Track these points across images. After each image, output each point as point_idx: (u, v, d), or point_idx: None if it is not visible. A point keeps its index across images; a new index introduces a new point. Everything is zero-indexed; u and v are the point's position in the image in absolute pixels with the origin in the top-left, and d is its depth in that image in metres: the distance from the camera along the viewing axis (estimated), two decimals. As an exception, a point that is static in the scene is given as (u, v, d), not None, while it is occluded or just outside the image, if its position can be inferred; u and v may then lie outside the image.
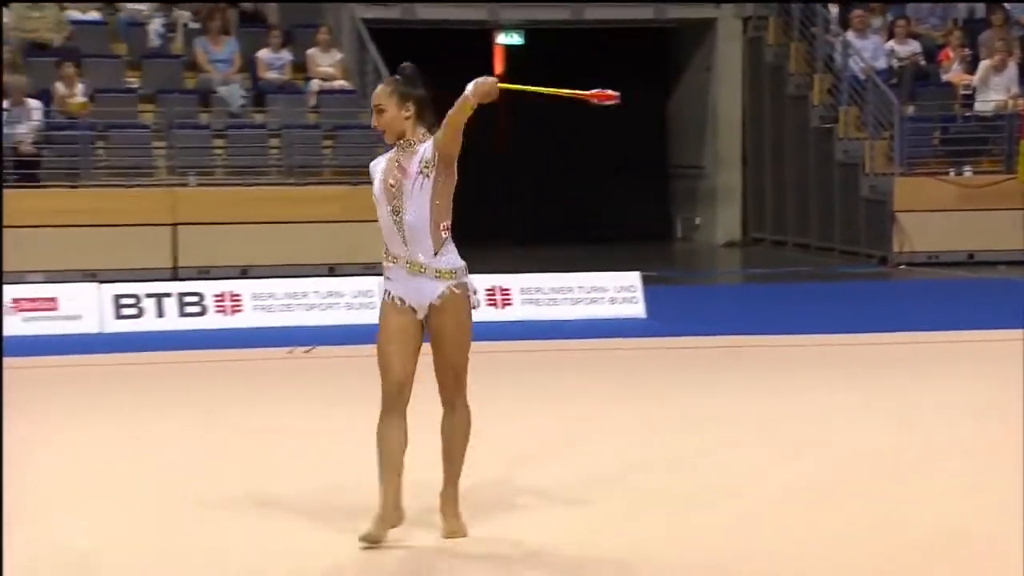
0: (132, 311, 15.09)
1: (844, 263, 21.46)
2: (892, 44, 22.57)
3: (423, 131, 6.83)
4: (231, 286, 15.81)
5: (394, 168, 6.76)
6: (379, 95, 6.82)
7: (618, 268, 16.54)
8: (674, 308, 16.31)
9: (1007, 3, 23.27)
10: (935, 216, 20.64)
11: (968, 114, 21.92)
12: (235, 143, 19.95)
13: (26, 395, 10.94)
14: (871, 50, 22.26)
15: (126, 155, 19.42)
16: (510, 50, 25.50)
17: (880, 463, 8.54)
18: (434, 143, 6.71)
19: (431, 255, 6.71)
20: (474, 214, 23.14)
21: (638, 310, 15.73)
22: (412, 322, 6.74)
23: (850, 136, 21.98)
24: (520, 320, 15.45)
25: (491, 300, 15.76)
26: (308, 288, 15.85)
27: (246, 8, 21.21)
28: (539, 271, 16.57)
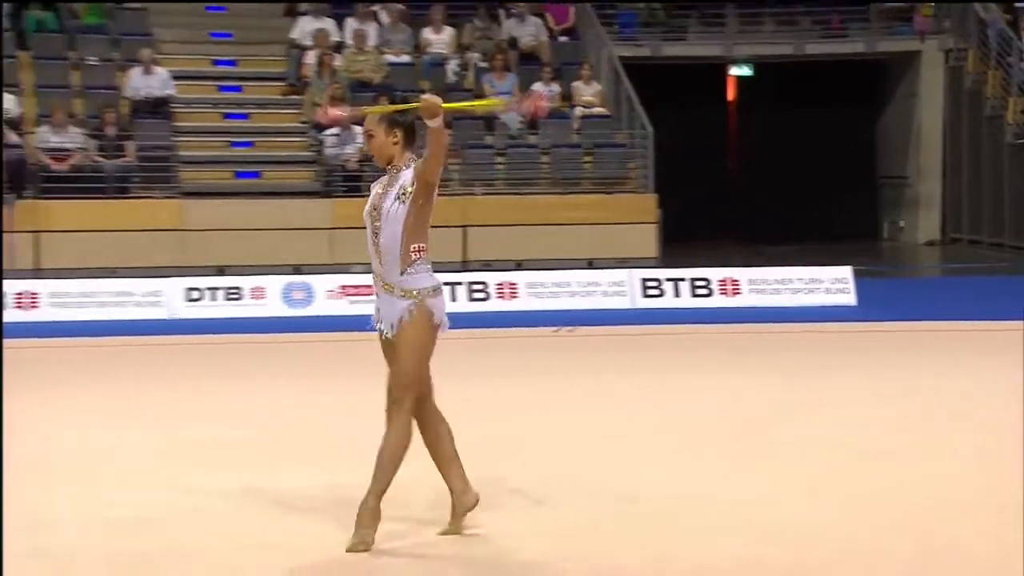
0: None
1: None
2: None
3: (410, 156, 6.13)
4: (509, 276, 16.00)
5: (379, 193, 6.09)
6: (369, 122, 6.18)
7: (832, 263, 16.28)
8: (880, 297, 15.90)
9: None
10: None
11: None
12: (513, 160, 20.13)
13: (356, 367, 11.22)
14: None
15: (427, 170, 19.75)
16: (741, 81, 25.18)
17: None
18: (414, 170, 6.03)
19: (398, 275, 6.01)
20: (715, 218, 23.33)
21: (849, 299, 15.49)
22: (386, 340, 6.10)
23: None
24: (749, 307, 15.29)
25: (723, 290, 15.73)
26: (571, 279, 15.94)
27: (524, 49, 21.39)
28: (765, 266, 16.38)
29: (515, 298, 15.53)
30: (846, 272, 15.75)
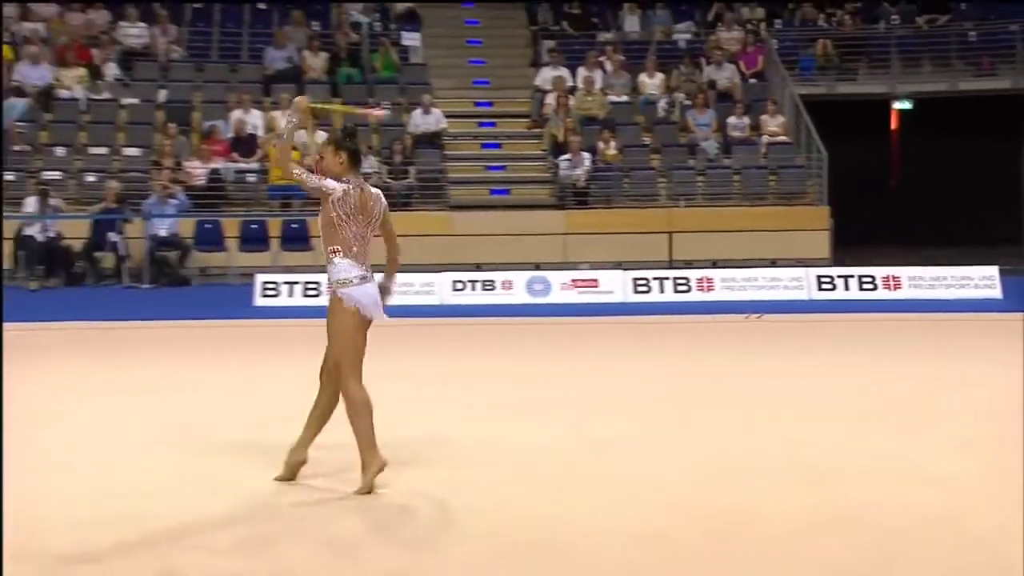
0: (644, 288, 15.37)
1: None
2: None
3: (355, 174, 5.79)
4: (707, 273, 15.86)
5: None
6: (321, 146, 5.94)
7: (981, 263, 15.59)
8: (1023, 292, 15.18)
9: None
10: None
11: None
12: (711, 179, 19.88)
13: (584, 343, 11.34)
14: None
15: (641, 188, 19.74)
16: (903, 113, 24.27)
17: None
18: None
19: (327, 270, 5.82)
20: (879, 226, 22.57)
21: (996, 293, 14.87)
22: None
23: None
24: (908, 299, 14.80)
25: (886, 285, 15.26)
26: (758, 275, 15.71)
27: (721, 89, 21.12)
28: (923, 265, 15.79)
29: (712, 291, 15.40)
30: (993, 271, 15.11)
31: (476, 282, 15.52)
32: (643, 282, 15.32)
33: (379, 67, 21.10)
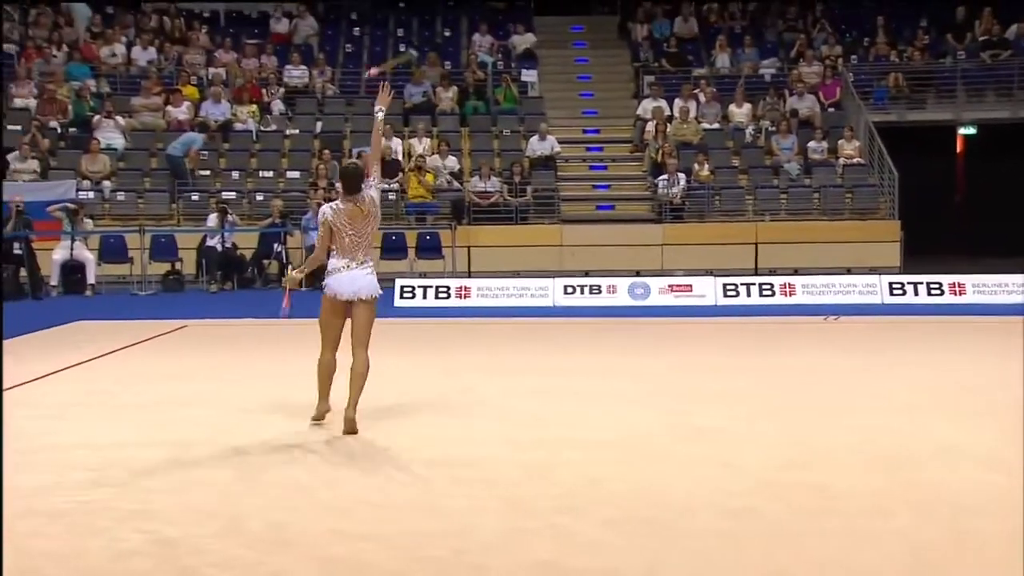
0: (733, 292, 15.12)
1: None
2: None
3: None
4: (789, 279, 15.53)
5: None
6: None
7: (1039, 273, 14.96)
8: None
9: None
10: None
11: None
12: (792, 197, 19.51)
13: (680, 343, 11.22)
14: None
15: (730, 204, 19.48)
16: (967, 138, 23.42)
17: None
18: None
19: None
20: (945, 238, 21.82)
21: (1053, 300, 14.21)
22: None
23: None
24: (973, 303, 14.28)
25: (952, 291, 14.73)
26: (835, 281, 15.30)
27: (803, 117, 20.69)
28: (985, 272, 15.19)
29: (794, 295, 15.09)
30: (1051, 280, 14.44)
31: (584, 287, 15.47)
32: (732, 287, 15.11)
33: (501, 100, 21.29)
